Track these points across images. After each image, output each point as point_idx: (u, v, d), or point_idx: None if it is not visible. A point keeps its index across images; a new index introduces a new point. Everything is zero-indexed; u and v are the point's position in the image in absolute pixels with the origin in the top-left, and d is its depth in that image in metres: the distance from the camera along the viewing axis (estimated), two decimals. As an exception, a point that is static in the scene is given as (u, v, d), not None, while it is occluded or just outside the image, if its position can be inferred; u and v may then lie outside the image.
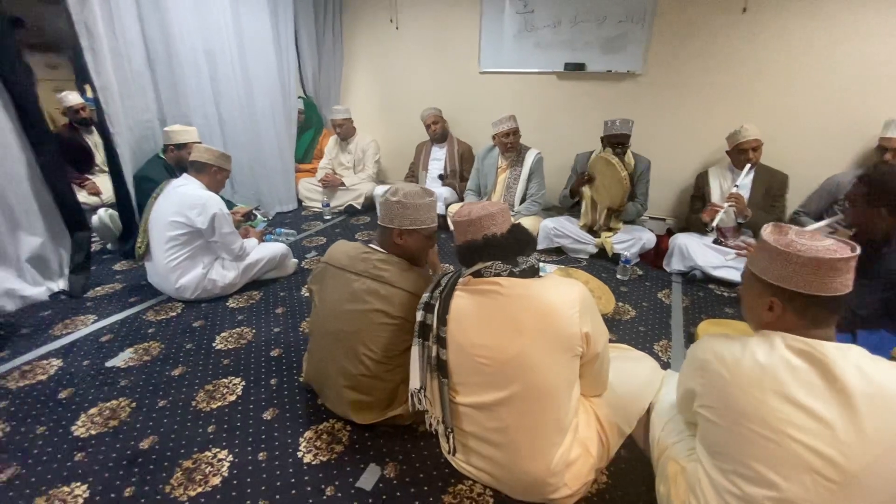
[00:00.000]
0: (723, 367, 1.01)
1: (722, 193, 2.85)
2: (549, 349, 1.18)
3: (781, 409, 0.91)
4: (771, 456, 0.92)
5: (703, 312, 2.44)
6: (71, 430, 1.59)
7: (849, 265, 0.94)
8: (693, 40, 3.10)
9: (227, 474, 1.42)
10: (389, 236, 1.51)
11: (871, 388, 0.88)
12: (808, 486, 0.89)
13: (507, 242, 1.26)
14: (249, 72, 3.51)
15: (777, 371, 0.94)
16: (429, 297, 1.33)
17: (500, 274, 1.25)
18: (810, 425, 0.89)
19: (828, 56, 2.79)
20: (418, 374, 1.32)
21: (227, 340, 2.13)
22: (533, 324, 1.18)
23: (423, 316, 1.32)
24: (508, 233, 1.28)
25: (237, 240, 2.46)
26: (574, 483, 1.27)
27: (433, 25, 3.95)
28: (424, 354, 1.32)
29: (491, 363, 1.21)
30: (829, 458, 0.88)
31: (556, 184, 3.49)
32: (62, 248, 2.56)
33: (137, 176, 2.79)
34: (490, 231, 1.26)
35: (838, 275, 0.94)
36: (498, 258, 1.26)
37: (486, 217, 1.26)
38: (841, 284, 0.95)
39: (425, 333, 1.31)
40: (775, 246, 0.99)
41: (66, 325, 2.24)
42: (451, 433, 1.33)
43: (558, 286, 1.23)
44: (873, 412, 0.87)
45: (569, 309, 1.18)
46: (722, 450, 1.02)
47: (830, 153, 2.90)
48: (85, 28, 2.41)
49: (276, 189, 3.92)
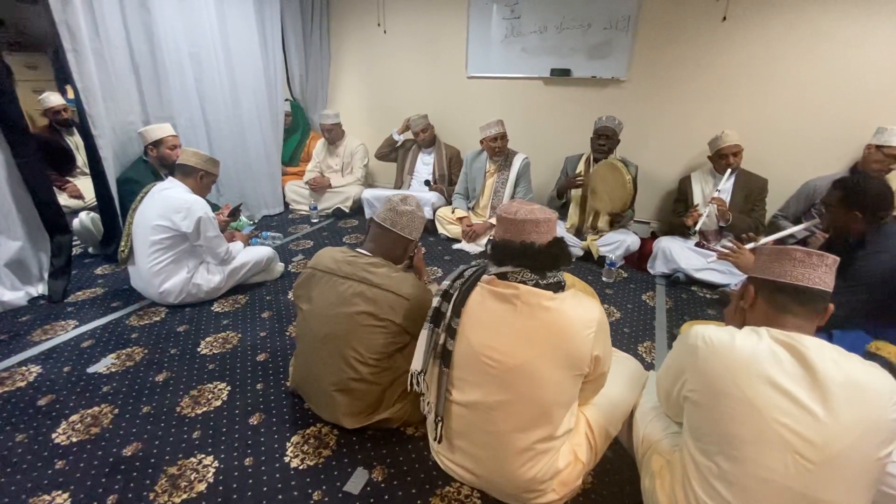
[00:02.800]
0: (713, 352, 1.06)
1: (704, 197, 2.92)
2: (557, 365, 1.18)
3: (767, 393, 0.97)
4: (755, 437, 0.97)
5: (686, 314, 2.48)
6: (51, 437, 1.56)
7: (810, 259, 1.06)
8: (675, 48, 3.17)
9: (213, 480, 1.41)
10: (402, 245, 1.55)
11: (846, 379, 0.95)
12: (788, 465, 0.94)
13: (544, 255, 1.22)
14: (235, 74, 3.48)
15: (763, 358, 1.00)
16: (448, 286, 1.32)
17: (525, 282, 1.22)
18: (793, 410, 0.95)
19: (805, 64, 2.88)
20: (422, 357, 1.32)
21: (212, 345, 2.11)
22: (546, 338, 1.18)
23: (439, 303, 1.31)
24: (548, 246, 1.23)
25: (223, 243, 2.43)
26: (562, 489, 1.28)
27: (421, 30, 3.97)
28: (432, 340, 1.31)
29: (497, 366, 1.21)
30: (809, 440, 0.93)
31: (543, 187, 3.53)
32: (42, 252, 2.51)
33: (121, 178, 2.75)
34: (530, 238, 1.22)
35: (798, 265, 1.07)
36: (529, 267, 1.23)
37: (530, 222, 1.21)
38: (801, 276, 1.06)
39: (437, 320, 1.30)
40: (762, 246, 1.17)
41: (46, 330, 2.19)
42: (440, 422, 1.33)
43: (579, 305, 1.21)
44: (847, 401, 0.93)
45: (584, 329, 1.17)
46: (708, 431, 1.06)
47: (809, 158, 2.99)
48: (67, 29, 2.37)
49: (263, 192, 3.89)
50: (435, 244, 3.43)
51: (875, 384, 0.95)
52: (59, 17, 2.33)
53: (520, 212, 1.23)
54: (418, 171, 3.89)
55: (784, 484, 0.95)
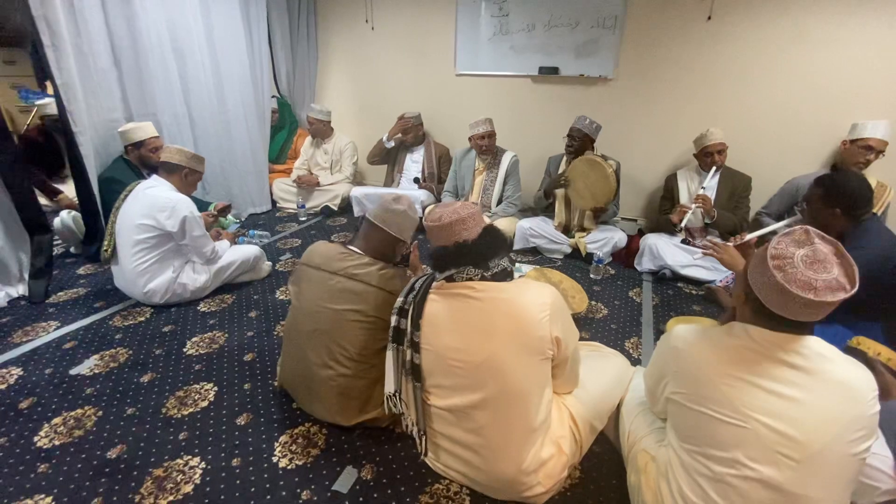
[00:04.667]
0: (693, 354, 1.07)
1: (690, 195, 2.95)
2: (520, 352, 1.20)
3: (748, 392, 0.98)
4: (739, 438, 0.98)
5: (673, 310, 2.52)
6: (33, 441, 1.53)
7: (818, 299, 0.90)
8: (661, 46, 3.20)
9: (200, 481, 1.40)
10: (392, 244, 1.55)
11: (827, 376, 0.96)
12: (771, 464, 0.96)
13: (478, 248, 1.26)
14: (221, 70, 3.43)
15: (744, 358, 1.00)
16: (402, 302, 1.33)
17: (472, 278, 1.25)
18: (774, 408, 0.96)
19: (789, 62, 2.93)
20: (393, 378, 1.33)
21: (198, 345, 2.08)
22: (504, 327, 1.20)
23: (396, 321, 1.32)
24: (479, 237, 1.27)
25: (209, 243, 2.40)
26: (548, 481, 1.30)
27: (409, 27, 3.95)
28: (399, 359, 1.33)
29: (463, 366, 1.23)
30: (791, 437, 0.94)
31: (531, 185, 3.54)
32: (21, 252, 2.45)
33: (102, 178, 2.70)
34: (461, 237, 1.25)
35: (804, 308, 0.93)
36: (469, 263, 1.26)
37: (457, 222, 1.25)
38: (807, 316, 0.94)
39: (399, 338, 1.32)
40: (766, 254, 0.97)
41: (27, 332, 2.15)
42: (423, 436, 1.35)
43: (529, 290, 1.24)
44: (829, 398, 0.95)
45: (539, 313, 1.20)
46: (691, 432, 1.07)
47: (792, 156, 3.04)
48: (45, 23, 2.31)
49: (249, 190, 3.85)
50: (424, 242, 3.41)
51: (855, 380, 0.97)
52: (38, 12, 2.28)
53: (443, 216, 1.26)
54: (407, 169, 3.88)
55: (768, 482, 0.96)
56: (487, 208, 3.39)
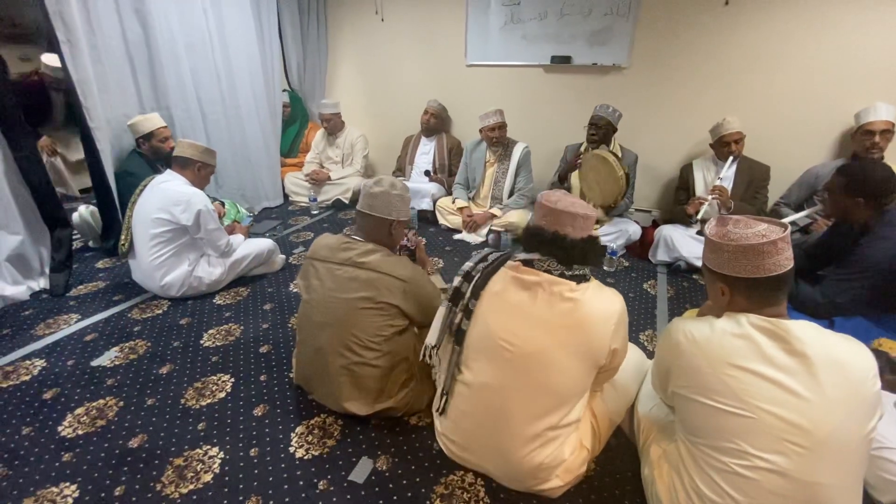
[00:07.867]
0: (694, 347, 1.06)
1: (706, 185, 2.90)
2: (574, 355, 1.19)
3: (751, 383, 0.98)
4: (745, 429, 0.98)
5: (688, 302, 2.49)
6: (57, 430, 1.57)
7: (777, 247, 1.01)
8: (676, 34, 3.13)
9: (219, 471, 1.42)
10: (386, 227, 1.55)
11: (828, 359, 0.95)
12: (781, 453, 0.95)
13: (573, 248, 1.20)
14: (232, 65, 3.44)
15: (745, 348, 1.00)
16: (471, 268, 1.33)
17: (550, 271, 1.21)
18: (779, 396, 0.95)
19: (808, 49, 2.84)
20: (437, 333, 1.35)
21: (214, 337, 2.11)
22: (566, 326, 1.18)
23: (459, 283, 1.32)
24: (581, 241, 1.21)
25: (223, 236, 2.43)
26: (566, 476, 1.29)
27: (419, 17, 3.92)
28: (448, 318, 1.33)
29: (513, 350, 1.21)
30: (798, 425, 0.94)
31: (543, 176, 3.51)
32: (42, 247, 2.50)
33: (119, 172, 2.73)
34: (565, 230, 1.20)
35: (768, 257, 1.01)
36: (556, 257, 1.22)
37: (568, 214, 1.20)
38: (774, 265, 1.02)
39: (456, 299, 1.32)
40: (712, 238, 1.08)
41: (49, 324, 2.19)
42: (445, 395, 1.35)
43: (601, 297, 1.21)
44: (832, 381, 0.94)
45: (605, 322, 1.17)
46: (699, 424, 1.06)
47: (811, 145, 2.96)
48: (61, 20, 2.34)
49: (262, 184, 3.87)
50: (436, 235, 3.42)
51: (855, 360, 0.97)
52: (53, 9, 2.30)
53: (560, 202, 1.23)
54: (418, 162, 3.87)
55: (779, 471, 0.95)
56: (499, 200, 3.37)
